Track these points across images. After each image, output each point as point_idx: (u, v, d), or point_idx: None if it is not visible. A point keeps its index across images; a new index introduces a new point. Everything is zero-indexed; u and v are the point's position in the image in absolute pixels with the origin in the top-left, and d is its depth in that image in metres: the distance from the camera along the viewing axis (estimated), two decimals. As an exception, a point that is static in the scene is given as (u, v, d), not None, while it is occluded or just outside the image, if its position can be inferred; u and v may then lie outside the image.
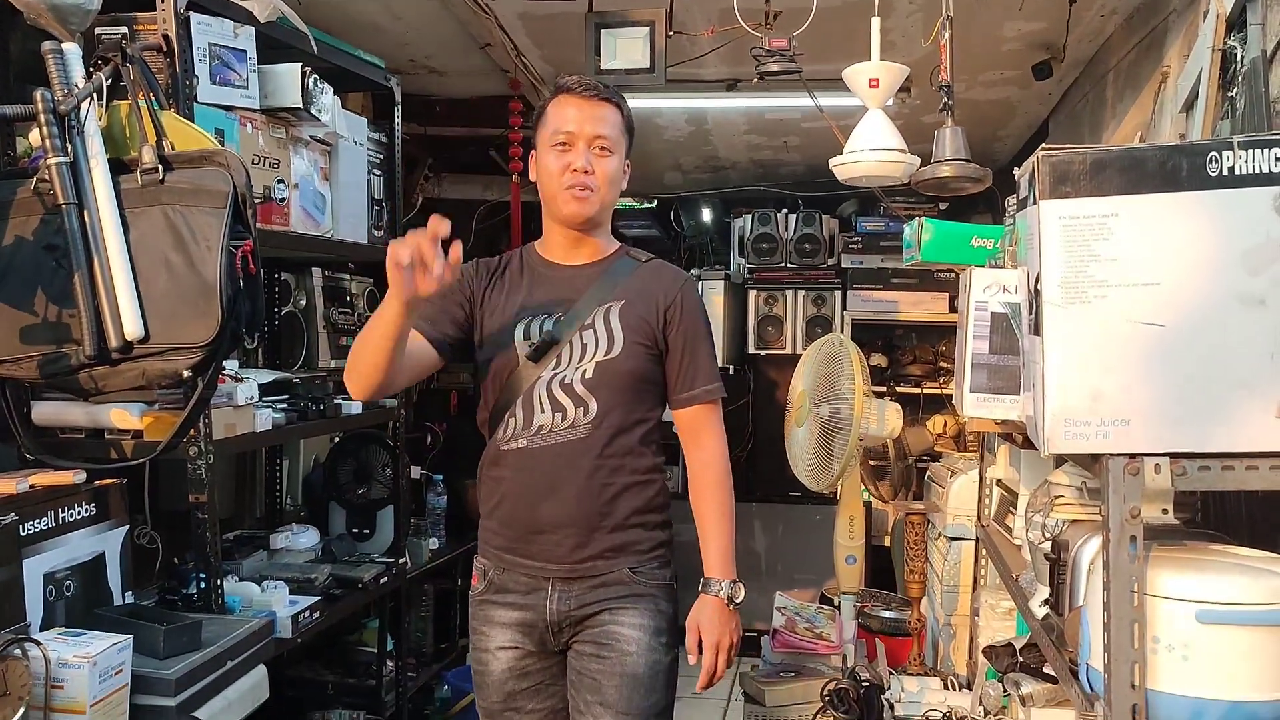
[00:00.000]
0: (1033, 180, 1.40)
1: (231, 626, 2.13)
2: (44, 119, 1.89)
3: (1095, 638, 1.46)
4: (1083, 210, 1.35)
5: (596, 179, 2.03)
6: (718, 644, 2.01)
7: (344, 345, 3.44)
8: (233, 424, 2.37)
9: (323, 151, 2.80)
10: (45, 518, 1.95)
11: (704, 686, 2.01)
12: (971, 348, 1.86)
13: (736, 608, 2.05)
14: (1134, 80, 3.52)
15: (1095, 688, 1.49)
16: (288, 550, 3.05)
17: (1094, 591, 1.49)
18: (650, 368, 2.05)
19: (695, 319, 2.09)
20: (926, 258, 2.19)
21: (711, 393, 2.09)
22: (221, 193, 1.96)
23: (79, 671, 1.73)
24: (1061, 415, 1.38)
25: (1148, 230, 1.34)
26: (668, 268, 2.16)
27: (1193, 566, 1.41)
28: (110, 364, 1.95)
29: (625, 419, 2.02)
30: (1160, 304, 1.34)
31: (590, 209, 2.04)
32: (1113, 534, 1.37)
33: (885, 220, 5.28)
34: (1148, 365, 1.35)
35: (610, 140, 2.04)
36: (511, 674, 2.05)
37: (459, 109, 4.71)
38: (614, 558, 2.01)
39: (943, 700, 2.51)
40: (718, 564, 2.04)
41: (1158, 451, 1.35)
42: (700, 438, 2.08)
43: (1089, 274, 1.36)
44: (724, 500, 2.08)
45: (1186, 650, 1.37)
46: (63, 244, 1.93)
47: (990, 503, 2.80)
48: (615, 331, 2.03)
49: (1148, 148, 1.33)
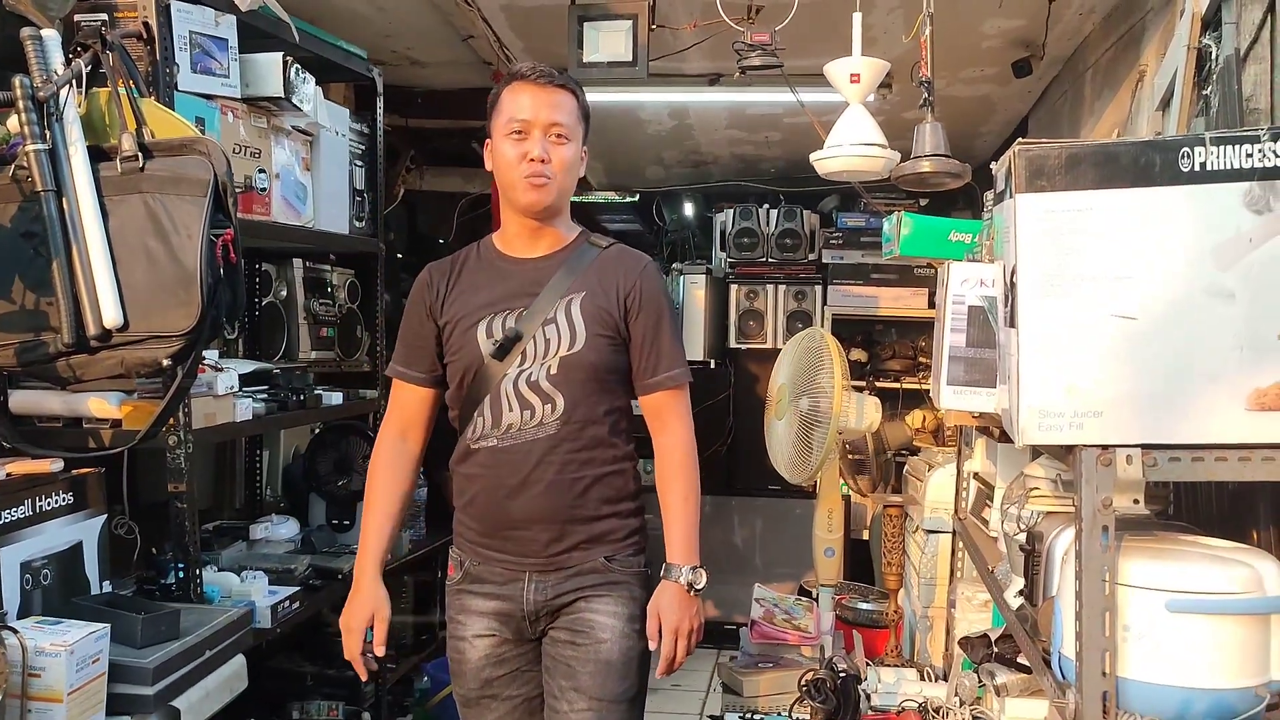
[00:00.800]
0: (1010, 174, 1.41)
1: (210, 616, 2.13)
2: (22, 105, 1.88)
3: (1067, 627, 1.48)
4: (1058, 204, 1.37)
5: (553, 167, 2.00)
6: (676, 629, 1.98)
7: (324, 337, 3.44)
8: (212, 413, 2.37)
9: (304, 142, 2.79)
10: (22, 506, 1.94)
11: (663, 672, 2.00)
12: (949, 341, 1.88)
13: (697, 594, 2.02)
14: (1112, 78, 3.55)
15: (1067, 676, 1.51)
16: (267, 541, 3.04)
17: (1067, 581, 1.51)
18: (614, 358, 2.04)
19: (656, 304, 2.06)
20: (905, 252, 2.21)
21: (675, 378, 2.07)
22: (202, 181, 1.95)
23: (56, 660, 1.73)
24: (1036, 406, 1.40)
25: (1121, 224, 1.36)
26: (629, 254, 2.12)
27: (1163, 556, 1.43)
28: (89, 352, 1.94)
29: (593, 412, 2.01)
30: (1133, 297, 1.36)
31: (548, 197, 2.01)
32: (1085, 524, 1.39)
33: (866, 216, 5.30)
34: (1120, 357, 1.37)
35: (566, 128, 2.02)
36: (488, 661, 2.05)
37: (440, 101, 4.70)
38: (589, 548, 2.02)
39: (919, 691, 2.53)
40: (679, 549, 2.03)
41: (1129, 443, 1.37)
42: (665, 423, 2.07)
43: (1064, 267, 1.37)
44: (687, 485, 2.06)
45: (1157, 638, 1.39)
46: (40, 231, 1.92)
47: (967, 496, 2.82)
48: (576, 324, 2.01)
49: (1121, 143, 1.35)
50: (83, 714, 1.78)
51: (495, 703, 2.06)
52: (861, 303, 5.28)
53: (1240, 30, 1.93)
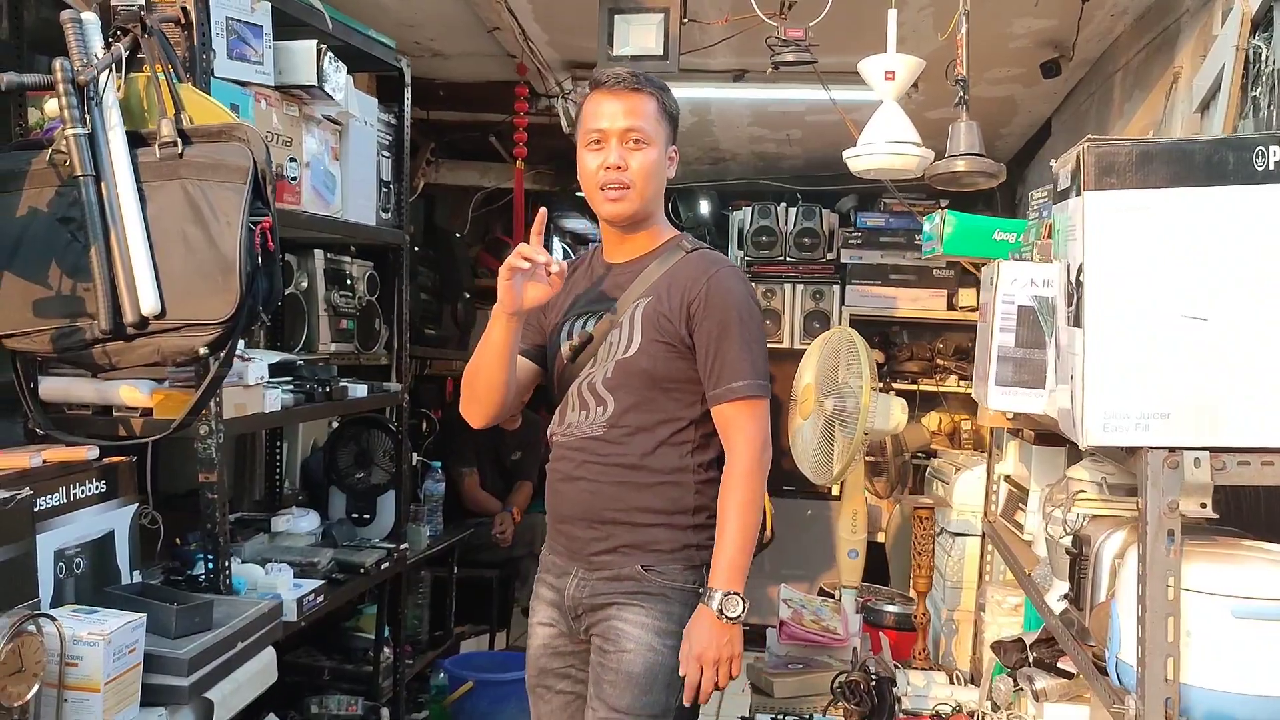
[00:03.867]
0: (1077, 172, 1.39)
1: (241, 607, 2.11)
2: (63, 89, 1.86)
3: (1126, 631, 1.46)
4: (1128, 202, 1.35)
5: (632, 174, 1.97)
6: (699, 656, 1.89)
7: (344, 329, 3.42)
8: (242, 404, 2.35)
9: (333, 131, 2.77)
10: (57, 494, 1.92)
11: (688, 700, 1.92)
12: (998, 341, 1.86)
13: (731, 622, 1.90)
14: (1143, 80, 3.52)
15: (1125, 681, 1.48)
16: (288, 533, 3.02)
17: (1125, 585, 1.49)
18: (674, 366, 1.98)
19: (721, 311, 1.97)
20: (949, 250, 2.19)
21: (736, 390, 1.96)
22: (241, 168, 1.92)
23: (94, 649, 1.71)
24: (1101, 407, 1.38)
25: (1192, 223, 1.34)
26: (704, 258, 2.05)
27: (1228, 561, 1.41)
28: (125, 339, 1.92)
29: (645, 419, 1.98)
30: (1203, 298, 1.34)
31: (628, 208, 2.00)
32: (1150, 527, 1.36)
33: (885, 216, 5.28)
34: (1189, 359, 1.35)
35: (644, 132, 1.98)
36: (544, 651, 2.07)
37: (461, 93, 4.67)
38: (629, 554, 1.98)
39: (950, 695, 2.51)
40: (717, 573, 1.93)
41: (1197, 445, 1.35)
42: (728, 438, 1.98)
43: (1132, 266, 1.35)
44: (739, 507, 1.95)
45: (1221, 645, 1.37)
46: (78, 216, 1.90)
47: (997, 499, 2.80)
48: (635, 329, 1.99)
49: (1195, 141, 1.33)
50: (118, 704, 1.76)
51: (549, 694, 2.06)
52: (879, 303, 5.26)
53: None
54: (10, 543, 1.72)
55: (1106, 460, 2.02)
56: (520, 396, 2.13)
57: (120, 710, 1.77)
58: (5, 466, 1.86)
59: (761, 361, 2.01)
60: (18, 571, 1.74)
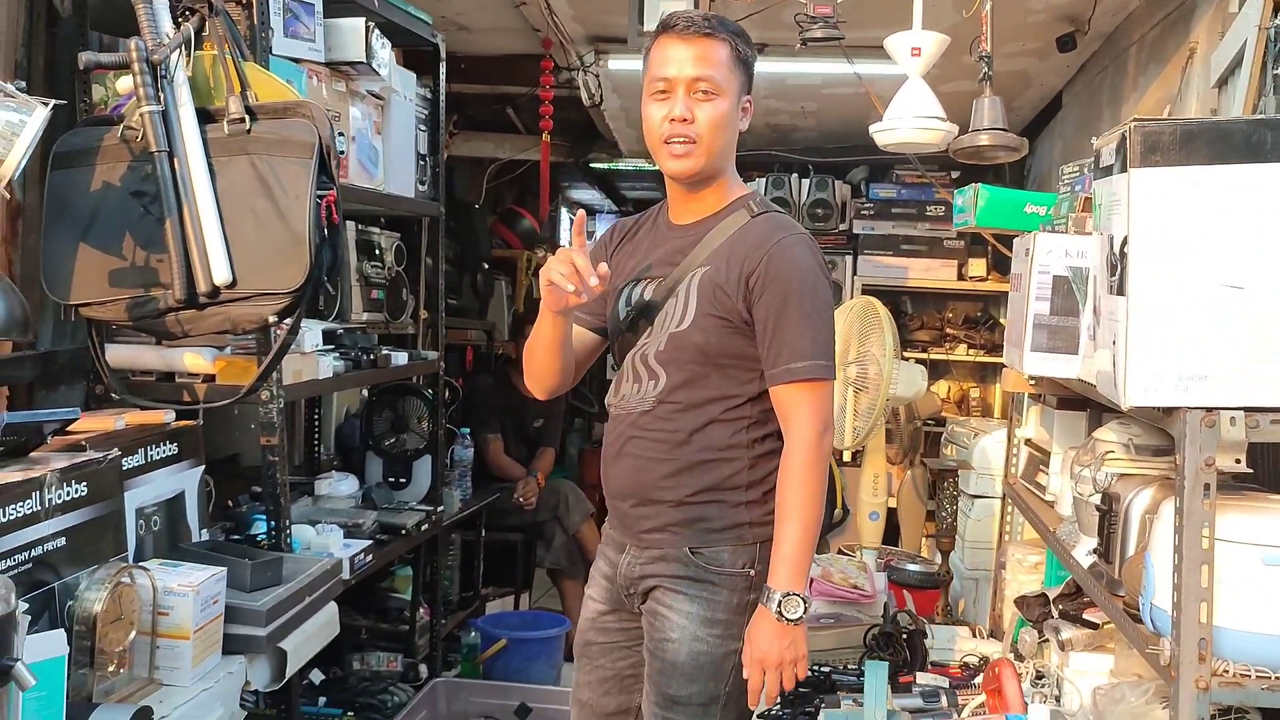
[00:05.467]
0: (1122, 149, 1.48)
1: (306, 564, 2.21)
2: (138, 67, 1.93)
3: (1161, 580, 1.57)
4: (1171, 178, 1.44)
5: (699, 127, 1.82)
6: (761, 660, 1.79)
7: (375, 299, 3.50)
8: (299, 370, 2.44)
9: (376, 106, 2.85)
10: (137, 455, 2.02)
11: (753, 704, 1.83)
12: (1033, 309, 1.96)
13: (792, 624, 1.78)
14: (1158, 55, 3.60)
15: (1158, 626, 1.60)
16: (330, 496, 3.13)
17: (1160, 537, 1.60)
18: (728, 341, 1.85)
19: (782, 286, 1.81)
20: (981, 223, 2.28)
21: (794, 372, 1.80)
22: (307, 144, 2.00)
23: (184, 599, 1.81)
24: (1143, 370, 1.48)
25: (1231, 198, 1.43)
26: (770, 224, 1.88)
27: (1258, 512, 1.52)
28: (197, 308, 2.01)
29: (697, 395, 1.87)
30: (1240, 268, 1.44)
31: (694, 164, 1.84)
32: (1187, 481, 1.47)
33: (897, 187, 5.36)
34: (1227, 324, 1.45)
35: (715, 81, 1.82)
36: (591, 625, 2.02)
37: (482, 67, 4.73)
38: (678, 533, 1.88)
39: (974, 648, 2.63)
40: (777, 572, 1.80)
41: (1232, 405, 1.45)
42: (785, 422, 1.84)
43: (1175, 238, 1.45)
44: (798, 502, 1.80)
45: (1251, 590, 1.48)
46: (151, 190, 1.98)
47: (1018, 461, 2.91)
48: (691, 300, 1.86)
49: (1235, 121, 1.42)
50: (205, 652, 1.86)
51: (590, 665, 2.03)
52: (891, 273, 5.34)
53: (1320, 12, 1.99)
54: (104, 499, 1.82)
55: (1133, 422, 2.13)
56: (582, 369, 2.06)
57: (206, 657, 1.88)
58: (93, 429, 1.95)
59: (826, 339, 1.85)
60: (110, 526, 1.84)
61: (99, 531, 1.81)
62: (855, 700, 2.12)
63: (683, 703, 1.86)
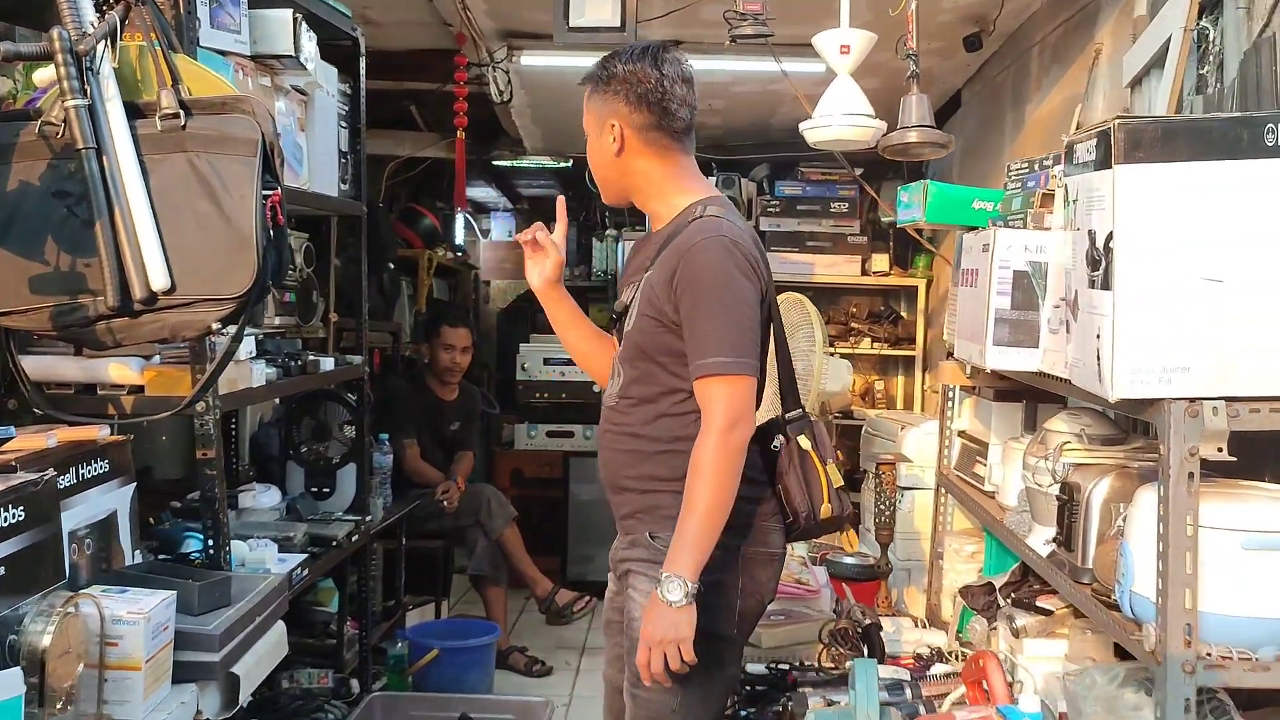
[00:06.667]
0: (1104, 145, 1.51)
1: (253, 583, 2.11)
2: (62, 58, 1.80)
3: (1142, 567, 1.61)
4: (1154, 175, 1.47)
5: (593, 168, 2.08)
6: (646, 637, 1.84)
7: (287, 302, 3.37)
8: (234, 379, 2.33)
9: (300, 102, 2.73)
10: (69, 474, 1.88)
11: (646, 680, 1.86)
12: (994, 304, 1.99)
13: (674, 606, 1.80)
14: (1062, 55, 3.72)
15: (1138, 613, 1.63)
16: (253, 510, 2.99)
17: (1139, 525, 1.64)
18: (662, 339, 1.95)
19: (693, 287, 1.89)
20: (931, 219, 2.31)
21: (702, 368, 1.88)
22: (251, 141, 1.90)
23: (134, 628, 1.70)
24: (1129, 363, 1.51)
25: (1212, 194, 1.47)
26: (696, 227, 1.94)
27: (1236, 499, 1.57)
28: (132, 315, 1.89)
29: (648, 390, 1.98)
30: (1220, 261, 1.48)
31: (606, 197, 2.12)
32: (1172, 471, 1.51)
33: (802, 184, 5.43)
34: (1208, 317, 1.49)
35: (588, 129, 2.06)
36: (608, 604, 2.14)
37: (386, 61, 4.61)
38: (641, 519, 2.00)
39: (919, 638, 2.67)
40: (669, 555, 1.85)
41: (1214, 396, 1.49)
42: (701, 416, 1.90)
43: (1158, 233, 1.48)
44: (694, 488, 1.86)
45: (1232, 575, 1.52)
46: (75, 190, 1.85)
47: (950, 453, 2.96)
48: (635, 304, 1.99)
49: (1214, 119, 1.47)
50: (155, 682, 1.75)
51: (609, 642, 2.15)
52: (797, 269, 5.40)
53: (1253, 14, 2.07)
54: (40, 524, 1.69)
55: (1082, 413, 2.19)
56: None
57: (157, 688, 1.77)
58: (23, 447, 1.82)
59: (736, 335, 1.88)
60: (47, 553, 1.71)
61: (37, 558, 1.67)
62: (824, 698, 2.12)
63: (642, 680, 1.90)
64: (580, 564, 5.22)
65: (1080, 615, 2.25)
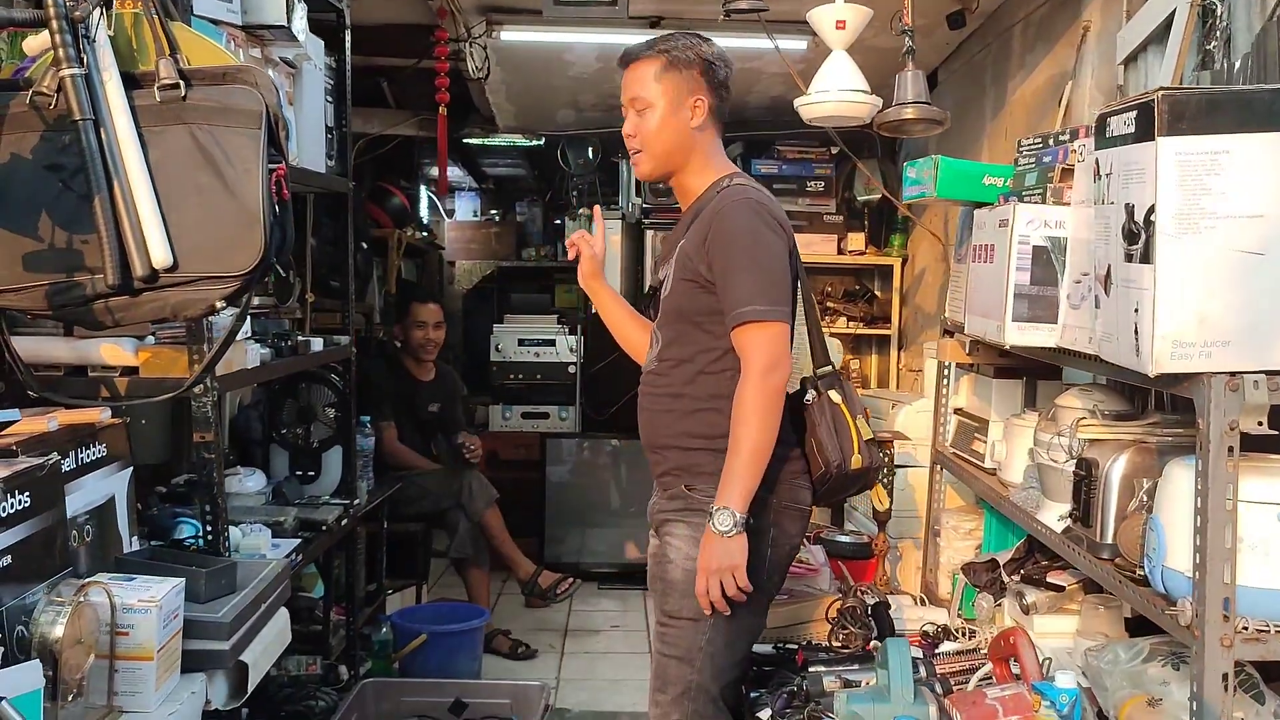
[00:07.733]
0: (1148, 118, 1.49)
1: (256, 569, 2.05)
2: (57, 25, 1.72)
3: (1176, 543, 1.60)
4: (1197, 147, 1.46)
5: (640, 140, 2.16)
6: (702, 567, 1.98)
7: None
8: (231, 360, 2.25)
9: (288, 75, 2.65)
10: (69, 459, 1.81)
11: (705, 609, 2.00)
12: (1014, 280, 1.98)
13: (727, 535, 1.95)
14: (1047, 33, 3.71)
15: (1171, 588, 1.63)
16: (239, 494, 2.92)
17: (1171, 500, 1.63)
18: (699, 301, 2.09)
19: (725, 244, 2.05)
20: (942, 194, 2.29)
21: (740, 316, 2.01)
22: (254, 113, 1.83)
23: (145, 617, 1.64)
24: (1169, 337, 1.50)
25: (1255, 166, 1.46)
26: (724, 195, 2.11)
27: (1273, 474, 1.56)
28: (131, 294, 1.82)
29: (684, 351, 2.12)
30: (1263, 235, 1.47)
31: (644, 169, 2.21)
32: (1212, 445, 1.50)
33: (778, 163, 5.41)
34: (1248, 291, 1.48)
35: (643, 98, 2.14)
36: (650, 559, 2.20)
37: (357, 36, 4.50)
38: (679, 475, 2.12)
39: (920, 616, 2.67)
40: (720, 491, 1.99)
41: (1254, 369, 1.49)
42: (741, 361, 2.03)
43: (1200, 206, 1.47)
44: (738, 428, 1.99)
45: (1268, 548, 1.52)
46: (71, 163, 1.77)
47: (947, 430, 2.96)
48: (672, 271, 2.14)
49: (1258, 90, 1.45)
50: (167, 672, 1.69)
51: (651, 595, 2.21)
52: (773, 248, 5.39)
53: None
54: (45, 511, 1.62)
55: (1094, 389, 2.19)
56: None
57: (168, 678, 1.71)
58: (23, 431, 1.74)
59: (768, 285, 2.03)
60: (53, 540, 1.64)
61: (44, 546, 1.61)
62: (839, 677, 2.11)
63: (676, 616, 2.07)
64: (557, 545, 5.18)
65: (1091, 591, 2.26)
